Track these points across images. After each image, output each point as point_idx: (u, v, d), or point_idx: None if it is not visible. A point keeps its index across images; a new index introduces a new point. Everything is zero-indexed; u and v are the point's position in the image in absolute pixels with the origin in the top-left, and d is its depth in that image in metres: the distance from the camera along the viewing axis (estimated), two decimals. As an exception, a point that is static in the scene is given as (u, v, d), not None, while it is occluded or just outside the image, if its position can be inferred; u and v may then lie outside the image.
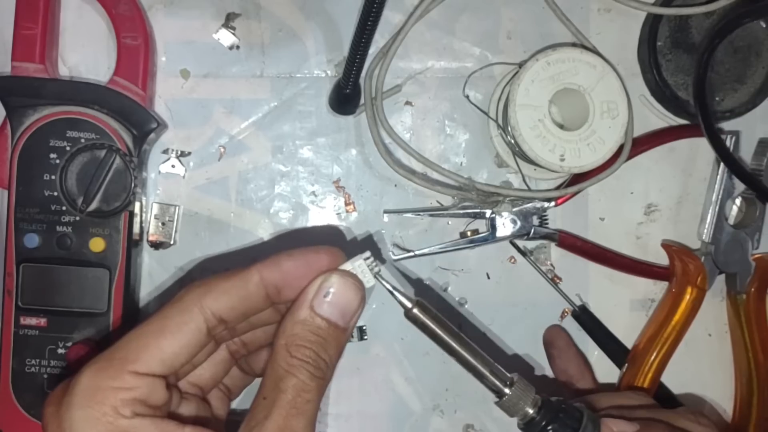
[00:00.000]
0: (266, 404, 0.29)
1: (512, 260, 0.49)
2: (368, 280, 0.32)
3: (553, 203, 0.47)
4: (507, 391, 0.33)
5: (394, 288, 0.32)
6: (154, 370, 0.29)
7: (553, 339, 0.48)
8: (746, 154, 0.49)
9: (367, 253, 0.32)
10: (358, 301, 0.31)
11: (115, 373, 0.28)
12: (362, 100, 0.46)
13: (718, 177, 0.48)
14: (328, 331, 0.30)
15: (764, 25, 0.47)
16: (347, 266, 0.32)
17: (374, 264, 0.32)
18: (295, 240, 0.47)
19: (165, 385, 0.29)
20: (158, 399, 0.29)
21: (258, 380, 0.34)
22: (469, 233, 0.47)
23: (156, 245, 0.46)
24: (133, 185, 0.42)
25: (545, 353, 0.48)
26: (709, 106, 0.45)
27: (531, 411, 0.34)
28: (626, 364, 0.48)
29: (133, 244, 0.44)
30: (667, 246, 0.49)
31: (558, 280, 0.49)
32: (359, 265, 0.32)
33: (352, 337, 0.48)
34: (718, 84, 0.47)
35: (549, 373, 0.49)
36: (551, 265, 0.49)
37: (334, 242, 0.47)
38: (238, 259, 0.47)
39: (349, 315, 0.31)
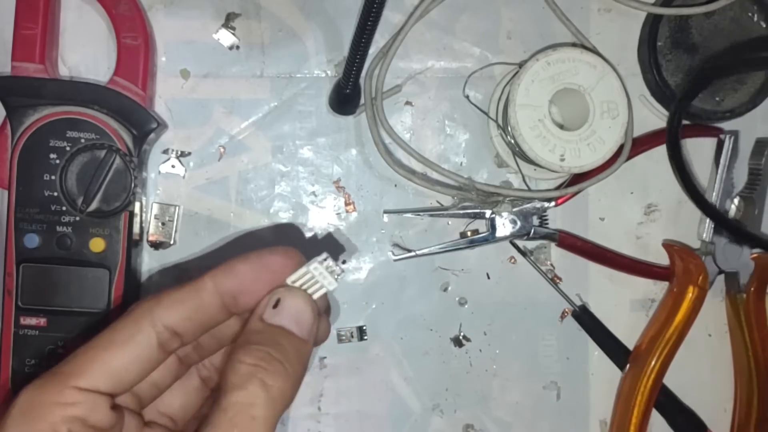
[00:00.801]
0: (203, 428, 0.26)
1: (512, 260, 0.49)
2: (329, 283, 0.30)
3: (553, 203, 0.47)
4: None
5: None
6: (99, 385, 0.26)
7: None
8: (745, 154, 0.49)
9: (324, 255, 0.31)
10: (309, 310, 0.29)
11: (56, 388, 0.26)
12: (362, 100, 0.46)
13: (718, 176, 0.48)
14: (284, 337, 0.28)
15: (764, 25, 0.47)
16: (302, 270, 0.30)
17: (334, 264, 0.30)
18: (296, 240, 0.47)
19: (110, 405, 0.27)
20: (102, 419, 0.26)
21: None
22: (469, 233, 0.47)
23: (156, 245, 0.46)
24: (133, 185, 0.42)
25: None
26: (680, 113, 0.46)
27: None
28: (628, 365, 0.48)
29: (133, 244, 0.44)
30: (668, 245, 0.49)
31: (558, 280, 0.49)
32: (315, 269, 0.30)
33: (352, 336, 0.48)
34: (718, 84, 0.47)
35: (549, 373, 0.49)
36: (551, 265, 0.49)
37: (333, 242, 0.47)
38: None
39: (304, 323, 0.29)
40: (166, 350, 0.28)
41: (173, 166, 0.46)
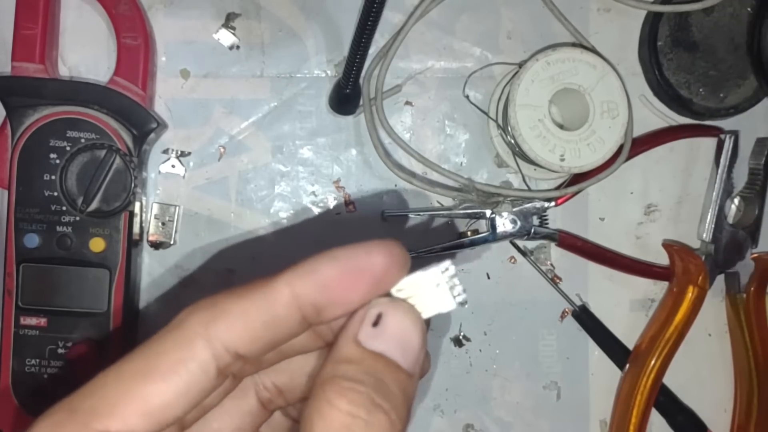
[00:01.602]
0: None
1: (512, 260, 0.49)
2: (445, 302, 0.22)
3: (553, 203, 0.47)
4: None
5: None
6: (134, 427, 0.20)
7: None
8: (746, 153, 0.49)
9: (447, 263, 0.23)
10: (419, 333, 0.22)
11: (76, 431, 0.20)
12: (362, 101, 0.46)
13: (718, 176, 0.48)
14: (388, 371, 0.21)
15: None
16: (413, 278, 0.23)
17: (457, 280, 0.23)
18: (296, 239, 0.47)
19: None
20: None
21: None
22: (469, 233, 0.47)
23: (156, 245, 0.46)
24: (133, 185, 0.42)
25: None
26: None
27: None
28: (627, 365, 0.48)
29: (133, 244, 0.44)
30: (668, 245, 0.49)
31: (558, 280, 0.49)
32: (431, 280, 0.22)
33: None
34: (721, 81, 0.47)
35: (549, 373, 0.49)
36: (551, 265, 0.49)
37: (333, 242, 0.47)
38: (238, 259, 0.47)
39: (411, 351, 0.22)
40: (223, 375, 0.22)
41: (173, 166, 0.46)
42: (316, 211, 0.48)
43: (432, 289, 0.22)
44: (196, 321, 0.21)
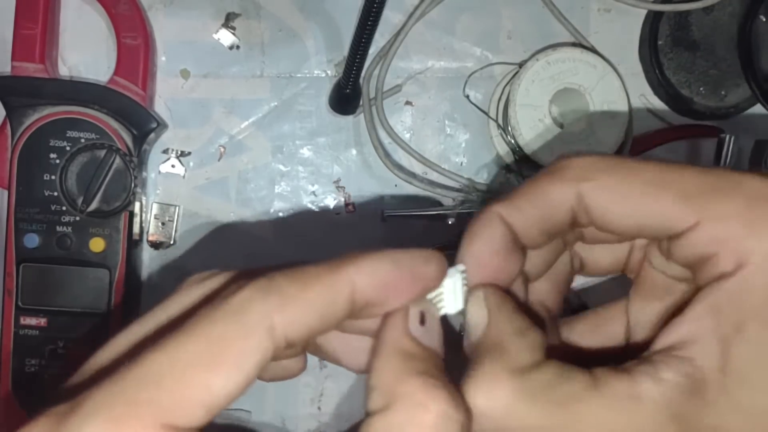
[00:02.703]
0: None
1: (512, 260, 0.49)
2: (454, 303, 0.24)
3: (553, 203, 0.47)
4: None
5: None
6: (199, 421, 0.19)
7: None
8: (746, 154, 0.49)
9: (462, 267, 0.24)
10: (442, 333, 0.23)
11: (141, 429, 0.18)
12: (362, 101, 0.46)
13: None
14: (436, 364, 0.22)
15: (765, 20, 0.47)
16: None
17: (464, 281, 0.24)
18: (296, 239, 0.47)
19: None
20: None
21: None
22: (469, 233, 0.47)
23: (156, 245, 0.46)
24: (133, 185, 0.42)
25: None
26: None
27: None
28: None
29: (133, 244, 0.44)
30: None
31: (558, 280, 0.49)
32: (450, 282, 0.24)
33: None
34: (721, 80, 0.47)
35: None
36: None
37: (333, 242, 0.47)
38: (238, 259, 0.47)
39: (442, 348, 0.23)
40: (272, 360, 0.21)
41: (173, 166, 0.46)
42: (316, 211, 0.48)
43: (446, 291, 0.24)
44: (260, 308, 0.20)
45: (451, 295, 0.24)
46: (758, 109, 0.48)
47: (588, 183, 0.23)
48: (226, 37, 0.47)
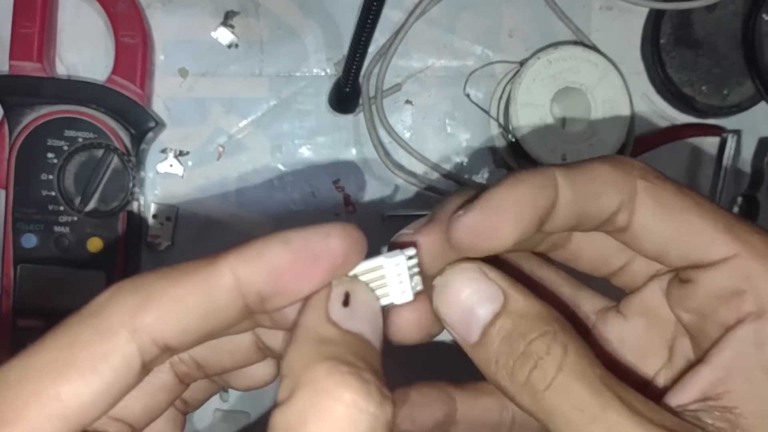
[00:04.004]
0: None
1: (513, 260, 0.48)
2: (401, 292, 0.21)
3: (554, 203, 0.47)
4: None
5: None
6: None
7: None
8: (748, 153, 0.48)
9: (411, 251, 0.21)
10: (380, 313, 0.21)
11: None
12: (362, 99, 0.46)
13: (720, 176, 0.48)
14: (368, 352, 0.19)
15: (766, 17, 0.47)
16: (374, 263, 0.21)
17: (415, 268, 0.21)
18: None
19: None
20: None
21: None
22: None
23: (154, 245, 0.46)
24: (131, 185, 0.42)
25: None
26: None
27: None
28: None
29: (132, 244, 0.43)
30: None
31: (559, 280, 0.48)
32: (394, 266, 0.21)
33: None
34: (724, 78, 0.47)
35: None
36: (553, 265, 0.49)
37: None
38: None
39: (379, 331, 0.20)
40: (148, 369, 0.19)
41: (171, 166, 0.46)
42: (316, 211, 0.47)
43: (392, 278, 0.21)
44: (119, 308, 0.18)
45: (395, 282, 0.21)
46: (760, 107, 0.48)
47: (647, 183, 0.22)
48: (224, 35, 0.46)
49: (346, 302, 0.19)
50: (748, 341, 0.21)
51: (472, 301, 0.21)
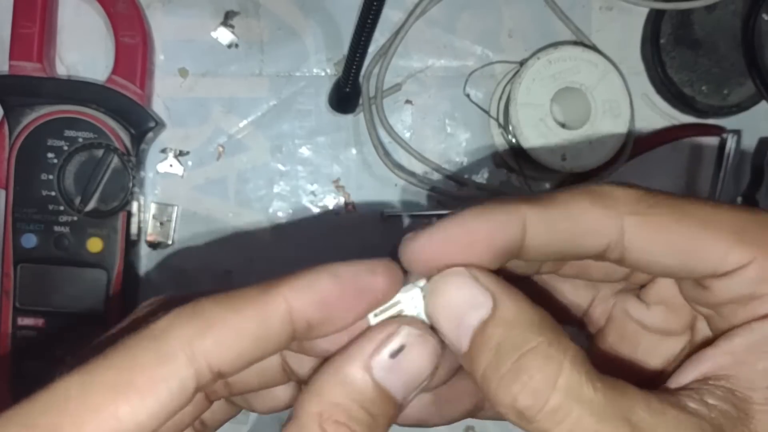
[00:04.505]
0: None
1: (513, 260, 0.48)
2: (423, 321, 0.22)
3: (554, 203, 0.47)
4: None
5: None
6: None
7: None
8: (748, 153, 0.48)
9: (423, 282, 0.22)
10: (429, 371, 0.21)
11: None
12: (362, 99, 0.46)
13: (720, 176, 0.47)
14: (380, 407, 0.20)
15: (766, 17, 0.47)
16: (397, 298, 0.22)
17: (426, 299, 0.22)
18: (295, 239, 0.47)
19: None
20: None
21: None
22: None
23: (154, 245, 0.46)
24: (131, 185, 0.42)
25: None
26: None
27: None
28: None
29: (131, 244, 0.43)
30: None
31: (559, 280, 0.48)
32: (411, 299, 0.22)
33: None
34: (724, 78, 0.47)
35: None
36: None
37: (333, 242, 0.47)
38: (236, 259, 0.46)
39: (413, 389, 0.21)
40: (198, 392, 0.20)
41: (171, 166, 0.46)
42: (315, 211, 0.47)
43: (411, 309, 0.22)
44: (180, 333, 0.19)
45: (413, 313, 0.22)
46: (761, 107, 0.48)
47: (636, 217, 0.21)
48: (224, 35, 0.46)
49: (395, 354, 0.20)
50: (762, 334, 0.20)
51: (460, 308, 0.21)
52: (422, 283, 0.22)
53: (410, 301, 0.22)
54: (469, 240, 0.21)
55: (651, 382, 0.21)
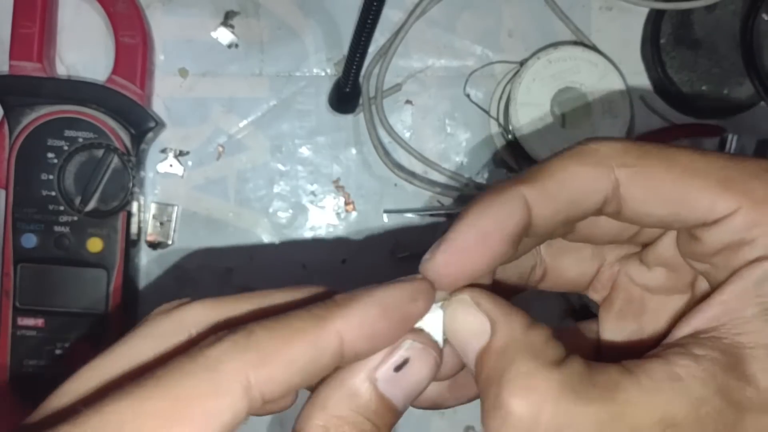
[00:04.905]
0: None
1: (513, 260, 0.48)
2: (438, 339, 0.22)
3: (554, 203, 0.47)
4: None
5: None
6: None
7: None
8: (748, 153, 0.48)
9: (443, 294, 0.23)
10: (428, 382, 0.22)
11: None
12: (362, 99, 0.46)
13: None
14: (383, 418, 0.21)
15: (767, 18, 0.47)
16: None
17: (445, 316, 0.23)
18: (295, 239, 0.47)
19: None
20: None
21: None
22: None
23: (154, 245, 0.46)
24: (131, 185, 0.42)
25: None
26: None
27: None
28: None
29: (131, 244, 0.43)
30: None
31: (559, 280, 0.48)
32: (435, 318, 0.22)
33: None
34: (723, 78, 0.47)
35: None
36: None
37: (333, 242, 0.47)
38: (236, 259, 0.46)
39: (413, 398, 0.22)
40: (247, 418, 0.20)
41: (171, 166, 0.46)
42: (316, 210, 0.47)
43: (430, 326, 0.22)
44: (236, 366, 0.19)
45: (432, 330, 0.22)
46: (760, 107, 0.48)
47: (626, 169, 0.21)
48: (224, 35, 0.46)
49: (400, 367, 0.21)
50: (752, 279, 0.21)
51: (466, 335, 0.22)
52: (444, 294, 0.22)
53: (432, 322, 0.22)
54: (482, 240, 0.21)
55: (661, 340, 0.21)
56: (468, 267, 0.22)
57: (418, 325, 0.22)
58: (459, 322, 0.22)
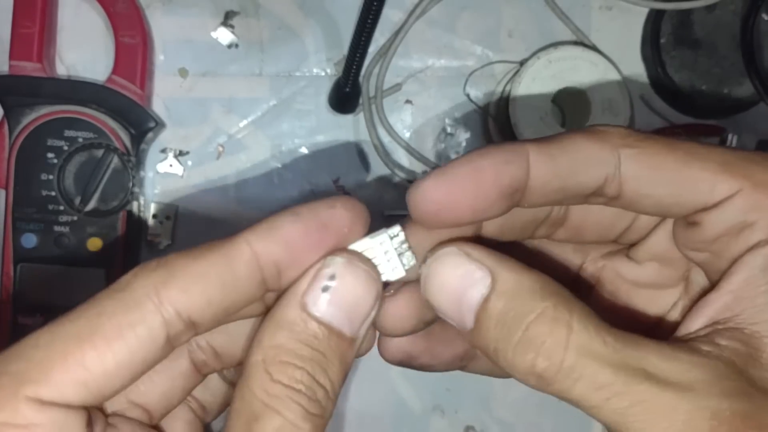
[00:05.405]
0: None
1: (513, 260, 0.48)
2: (393, 269, 0.22)
3: (554, 202, 0.47)
4: None
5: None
6: (70, 398, 0.18)
7: None
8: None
9: (397, 228, 0.22)
10: (371, 299, 0.21)
11: (1, 400, 0.18)
12: (362, 99, 0.46)
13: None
14: (328, 343, 0.20)
15: (767, 18, 0.47)
16: (364, 242, 0.22)
17: (407, 246, 0.22)
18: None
19: (86, 422, 0.19)
20: None
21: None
22: (469, 233, 0.47)
23: (154, 245, 0.46)
24: (131, 185, 0.42)
25: None
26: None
27: None
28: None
29: (131, 243, 0.43)
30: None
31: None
32: (381, 244, 0.21)
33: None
34: (723, 79, 0.47)
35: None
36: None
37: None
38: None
39: (358, 319, 0.21)
40: (171, 346, 0.20)
41: (171, 165, 0.46)
42: (316, 210, 0.47)
43: (381, 256, 0.22)
44: (145, 282, 0.19)
45: (384, 261, 0.21)
46: (760, 107, 0.48)
47: (630, 149, 0.21)
48: (224, 35, 0.46)
49: (327, 287, 0.20)
50: (757, 266, 0.21)
51: (459, 287, 0.21)
52: (396, 230, 0.22)
53: (379, 246, 0.21)
54: (476, 178, 0.21)
55: (648, 335, 0.21)
56: (455, 199, 0.21)
57: (368, 254, 0.21)
58: (448, 275, 0.21)
